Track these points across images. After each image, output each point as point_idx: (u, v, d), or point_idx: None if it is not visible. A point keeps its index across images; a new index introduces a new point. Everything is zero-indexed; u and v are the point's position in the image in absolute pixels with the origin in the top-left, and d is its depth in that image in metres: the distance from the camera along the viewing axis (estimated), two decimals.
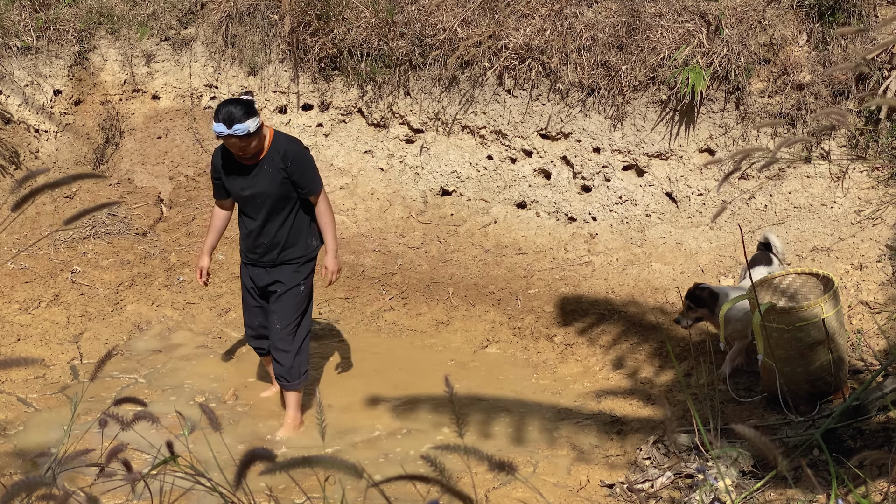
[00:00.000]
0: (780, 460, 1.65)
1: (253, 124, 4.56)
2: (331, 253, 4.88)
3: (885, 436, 3.99)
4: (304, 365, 4.99)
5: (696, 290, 5.03)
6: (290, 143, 4.80)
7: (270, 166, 4.73)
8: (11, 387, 5.36)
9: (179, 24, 7.93)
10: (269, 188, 4.76)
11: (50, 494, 1.57)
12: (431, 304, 6.40)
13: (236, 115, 4.52)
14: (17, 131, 7.28)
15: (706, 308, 4.98)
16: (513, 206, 7.10)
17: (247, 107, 4.58)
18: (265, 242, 4.88)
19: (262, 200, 4.80)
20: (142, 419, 2.01)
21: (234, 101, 4.62)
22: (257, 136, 4.63)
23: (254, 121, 4.57)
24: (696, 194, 6.56)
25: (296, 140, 4.90)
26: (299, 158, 4.75)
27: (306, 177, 4.77)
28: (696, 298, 5.00)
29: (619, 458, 4.59)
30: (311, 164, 4.83)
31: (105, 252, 6.74)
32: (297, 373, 4.96)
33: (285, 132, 4.95)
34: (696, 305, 5.00)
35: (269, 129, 4.80)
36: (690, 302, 5.01)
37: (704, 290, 5.01)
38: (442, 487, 1.49)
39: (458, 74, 7.17)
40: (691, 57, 6.45)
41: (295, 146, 4.80)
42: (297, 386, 4.97)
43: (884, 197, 5.89)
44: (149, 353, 5.88)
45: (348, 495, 2.27)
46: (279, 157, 4.71)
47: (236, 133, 4.52)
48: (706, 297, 4.97)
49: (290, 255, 4.89)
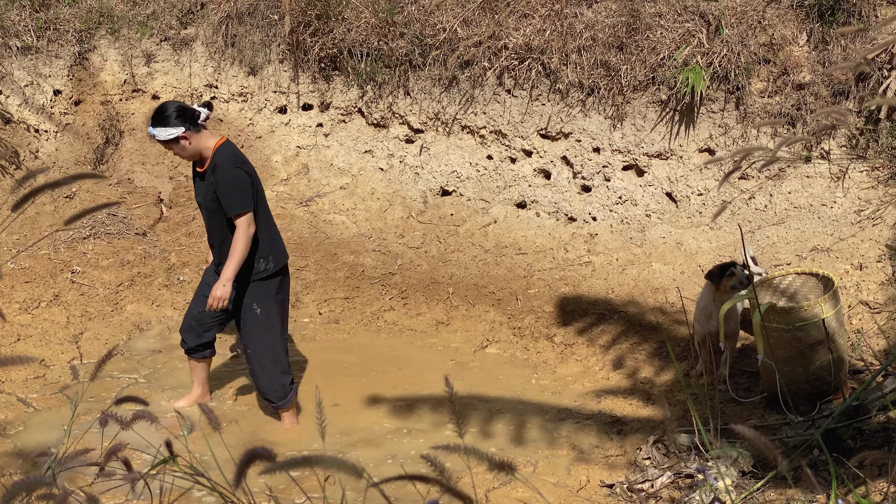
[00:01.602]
0: (780, 460, 1.65)
1: (163, 133, 4.55)
2: (221, 279, 4.61)
3: (885, 436, 3.99)
4: (287, 384, 4.89)
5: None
6: (224, 158, 4.65)
7: (208, 178, 4.67)
8: (11, 387, 5.36)
9: (179, 24, 7.92)
10: (205, 200, 4.72)
11: (50, 494, 1.57)
12: (431, 304, 6.40)
13: (157, 117, 4.58)
14: (17, 131, 7.28)
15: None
16: (513, 206, 7.10)
17: (176, 114, 4.56)
18: (215, 252, 4.85)
19: (205, 211, 4.79)
20: (142, 419, 2.01)
21: (169, 103, 4.66)
22: (176, 145, 4.60)
23: (166, 130, 4.54)
24: (696, 194, 6.56)
25: (235, 156, 4.71)
26: (224, 176, 4.59)
27: (225, 196, 4.60)
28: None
29: (619, 458, 4.59)
30: (234, 184, 4.60)
31: (105, 252, 6.74)
32: (280, 393, 4.89)
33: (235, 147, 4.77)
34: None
35: (219, 140, 4.71)
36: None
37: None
38: (442, 487, 1.49)
39: (458, 74, 7.17)
40: (691, 57, 6.45)
41: (226, 161, 4.64)
42: (284, 405, 4.92)
43: (884, 197, 5.89)
44: (149, 353, 5.88)
45: (348, 495, 2.27)
46: (213, 170, 4.64)
47: (150, 134, 4.60)
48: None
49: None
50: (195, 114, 4.66)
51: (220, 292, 4.61)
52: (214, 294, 4.62)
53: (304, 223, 7.19)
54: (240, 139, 7.76)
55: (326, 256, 6.88)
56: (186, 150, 4.66)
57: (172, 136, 4.57)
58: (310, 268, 6.76)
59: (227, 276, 4.60)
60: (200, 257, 6.79)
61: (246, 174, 4.67)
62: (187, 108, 4.65)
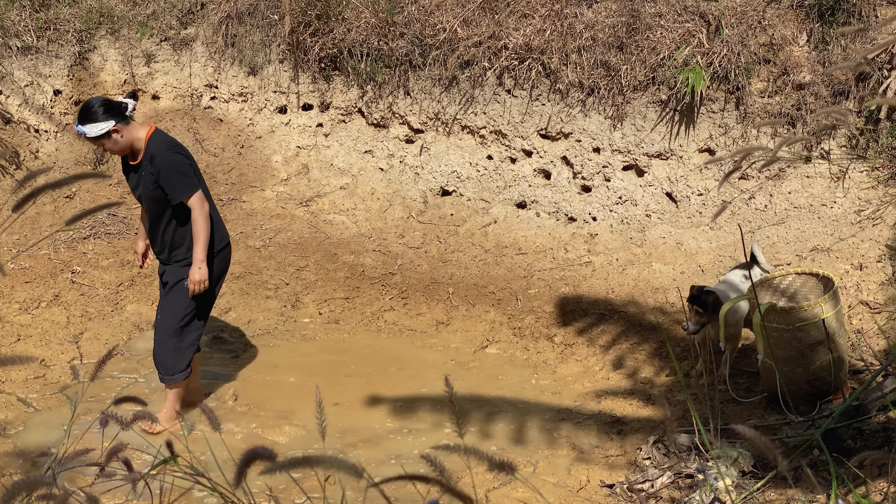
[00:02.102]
0: (780, 460, 1.65)
1: (94, 129, 4.52)
2: (195, 263, 4.66)
3: (885, 436, 4.00)
4: (180, 365, 4.86)
5: (702, 295, 4.85)
6: (159, 146, 4.64)
7: (145, 169, 4.64)
8: (11, 387, 5.36)
9: (179, 24, 7.92)
10: (145, 191, 4.70)
11: (50, 494, 1.57)
12: (431, 304, 6.40)
13: (83, 114, 4.54)
14: (17, 131, 7.28)
15: (714, 314, 4.76)
16: (513, 206, 7.10)
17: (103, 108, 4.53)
18: (157, 241, 4.85)
19: (145, 202, 4.78)
20: (142, 419, 2.01)
21: (94, 99, 4.62)
22: (108, 139, 4.57)
23: (96, 126, 4.51)
24: (696, 194, 6.56)
25: (169, 143, 4.71)
26: (165, 163, 4.58)
27: (169, 183, 4.60)
28: (704, 304, 4.82)
29: (619, 458, 4.59)
30: (176, 169, 4.61)
31: (105, 252, 6.74)
32: (171, 369, 4.87)
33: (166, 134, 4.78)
34: (704, 310, 4.82)
35: (149, 130, 4.69)
36: (698, 307, 4.85)
37: (710, 294, 4.84)
38: (442, 487, 1.49)
39: (458, 74, 7.17)
40: (691, 57, 6.45)
41: (163, 149, 4.63)
42: (169, 382, 4.89)
43: (884, 197, 5.89)
44: (149, 353, 5.87)
45: (348, 495, 2.27)
46: (149, 160, 4.61)
47: (78, 132, 4.56)
48: (712, 301, 4.80)
49: (177, 255, 4.82)
50: (122, 106, 4.62)
51: (197, 276, 4.66)
52: (193, 279, 4.65)
53: (304, 223, 7.19)
54: (240, 139, 7.77)
55: (326, 256, 6.88)
56: (118, 144, 4.61)
57: (104, 132, 4.53)
58: (310, 268, 6.76)
59: (199, 257, 4.64)
60: None
61: (184, 157, 4.70)
62: (114, 102, 4.62)
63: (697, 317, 4.85)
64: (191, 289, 4.68)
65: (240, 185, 7.53)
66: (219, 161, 7.65)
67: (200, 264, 4.65)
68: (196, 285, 4.68)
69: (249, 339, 6.08)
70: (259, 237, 7.03)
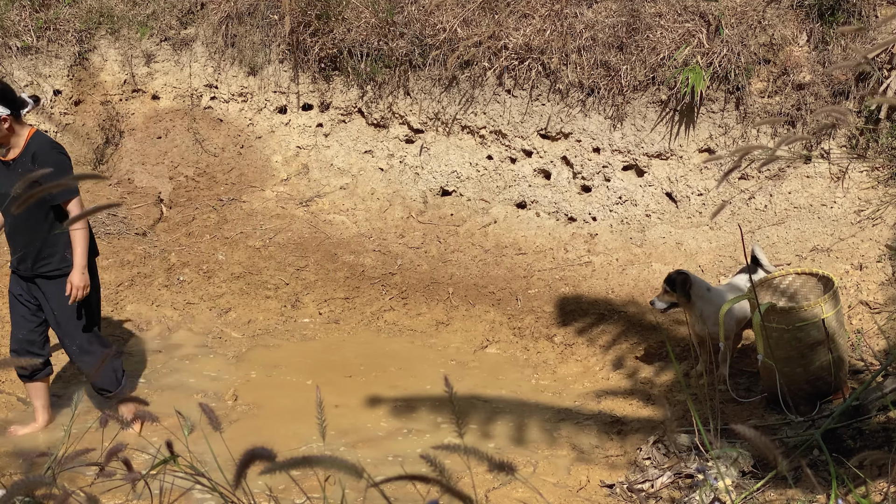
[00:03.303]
0: (780, 460, 1.65)
1: None
2: (77, 268, 4.52)
3: (885, 436, 4.00)
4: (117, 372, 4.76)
5: (674, 275, 5.05)
6: (41, 146, 4.53)
7: (22, 167, 4.50)
8: (11, 387, 5.36)
9: (179, 24, 7.93)
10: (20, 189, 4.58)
11: (50, 494, 1.57)
12: (431, 304, 6.40)
13: None
14: None
15: (683, 295, 4.97)
16: (513, 206, 7.10)
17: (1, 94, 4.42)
18: (19, 248, 4.65)
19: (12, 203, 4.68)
20: (142, 419, 2.01)
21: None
22: None
23: None
24: (696, 194, 6.56)
25: (51, 143, 4.62)
26: (53, 162, 4.39)
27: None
28: (672, 282, 5.01)
29: (619, 458, 4.59)
30: (64, 170, 4.46)
31: (105, 252, 6.74)
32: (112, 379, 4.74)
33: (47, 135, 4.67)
34: (672, 289, 5.02)
35: (30, 129, 4.60)
36: (667, 286, 5.03)
37: (682, 274, 5.03)
38: (442, 487, 1.49)
39: (457, 74, 7.17)
40: (691, 57, 6.45)
41: (46, 148, 4.53)
42: (121, 391, 4.77)
43: (884, 197, 5.89)
44: (149, 353, 5.88)
45: (348, 495, 2.27)
46: (29, 158, 4.49)
47: None
48: (681, 281, 4.98)
49: (46, 266, 4.62)
50: (22, 102, 4.56)
51: (78, 281, 4.52)
52: (75, 284, 4.52)
53: (304, 223, 7.19)
54: (240, 139, 7.77)
55: (326, 256, 6.88)
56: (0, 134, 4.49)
57: None
58: (310, 268, 6.76)
59: (80, 263, 4.52)
60: (200, 257, 6.79)
61: (67, 158, 4.64)
62: (15, 93, 4.54)
63: (667, 295, 5.05)
64: (73, 294, 4.52)
65: (240, 185, 7.53)
66: (219, 161, 7.65)
67: (82, 270, 4.52)
68: (78, 290, 4.52)
69: (249, 339, 6.08)
70: (259, 237, 7.03)
